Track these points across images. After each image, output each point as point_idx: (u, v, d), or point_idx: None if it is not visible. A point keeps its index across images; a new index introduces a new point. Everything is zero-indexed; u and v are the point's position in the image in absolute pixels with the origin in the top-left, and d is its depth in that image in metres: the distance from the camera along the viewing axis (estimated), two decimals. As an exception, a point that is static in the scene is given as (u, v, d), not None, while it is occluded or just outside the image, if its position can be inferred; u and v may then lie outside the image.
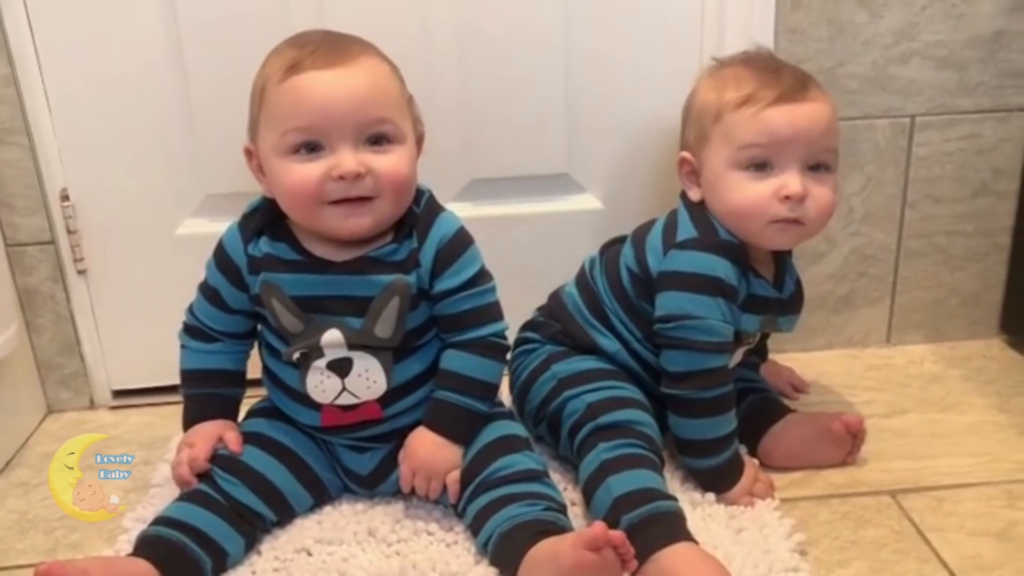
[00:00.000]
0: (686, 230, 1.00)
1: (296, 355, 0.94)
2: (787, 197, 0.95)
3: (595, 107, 1.19)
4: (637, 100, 1.19)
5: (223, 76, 1.12)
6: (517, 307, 1.11)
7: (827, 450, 1.04)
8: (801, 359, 1.31)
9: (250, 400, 1.05)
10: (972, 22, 1.20)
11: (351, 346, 0.93)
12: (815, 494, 1.01)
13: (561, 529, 0.87)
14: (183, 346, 1.01)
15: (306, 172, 0.88)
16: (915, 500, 1.00)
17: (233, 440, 0.96)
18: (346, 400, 0.95)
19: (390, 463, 0.98)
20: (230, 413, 1.01)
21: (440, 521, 0.96)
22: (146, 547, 0.86)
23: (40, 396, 1.25)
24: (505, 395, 1.10)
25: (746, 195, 0.97)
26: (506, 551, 0.86)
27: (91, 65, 1.12)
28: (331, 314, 0.93)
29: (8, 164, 1.15)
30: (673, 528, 0.87)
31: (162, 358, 1.22)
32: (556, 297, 1.12)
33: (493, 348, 0.96)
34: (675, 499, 0.91)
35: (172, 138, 1.16)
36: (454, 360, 0.96)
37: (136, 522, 0.96)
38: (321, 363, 0.93)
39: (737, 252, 0.98)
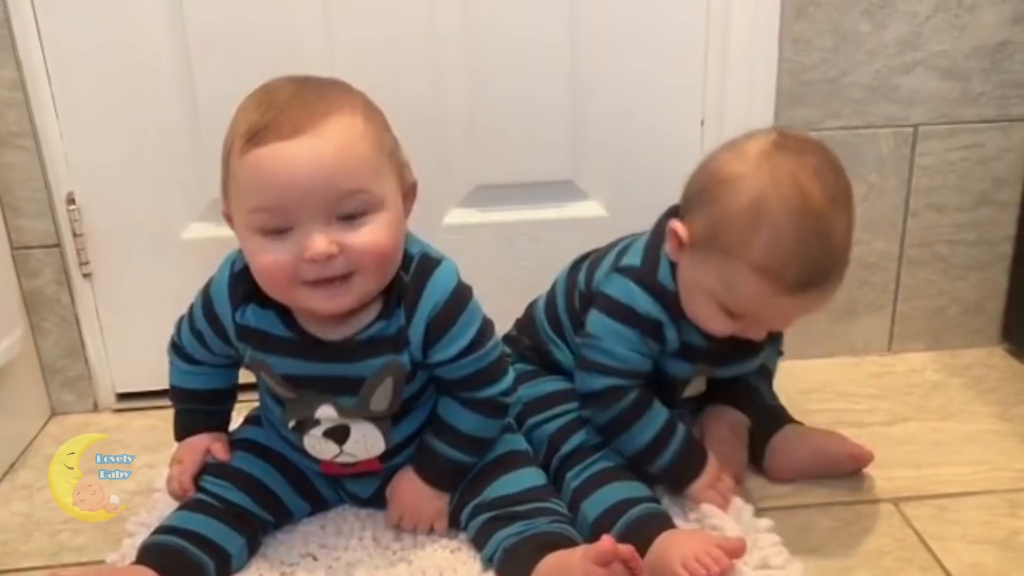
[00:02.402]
0: (634, 258, 0.98)
1: (292, 423, 0.92)
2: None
3: (600, 115, 1.20)
4: (642, 108, 1.20)
5: (229, 80, 1.11)
6: (519, 314, 1.12)
7: (831, 470, 1.04)
8: (803, 366, 1.31)
9: (249, 404, 1.04)
10: (975, 33, 1.20)
11: (347, 416, 0.91)
12: (817, 502, 1.01)
13: (568, 540, 0.87)
14: (170, 361, 0.99)
15: (278, 256, 0.80)
16: (917, 508, 1.00)
17: (220, 451, 0.96)
18: (344, 459, 0.93)
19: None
20: (219, 425, 1.00)
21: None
22: (147, 555, 0.87)
23: (44, 399, 1.25)
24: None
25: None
26: (513, 565, 0.86)
27: (98, 69, 1.13)
28: (323, 391, 0.89)
29: (15, 167, 1.15)
30: (654, 528, 0.88)
31: (166, 361, 1.22)
32: (529, 309, 1.13)
33: (494, 407, 0.93)
34: (649, 500, 0.92)
35: (178, 142, 1.16)
36: (452, 413, 0.92)
37: (140, 527, 0.96)
38: (317, 431, 0.91)
39: (668, 299, 0.95)
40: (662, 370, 0.99)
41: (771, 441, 1.05)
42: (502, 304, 1.13)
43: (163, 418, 1.22)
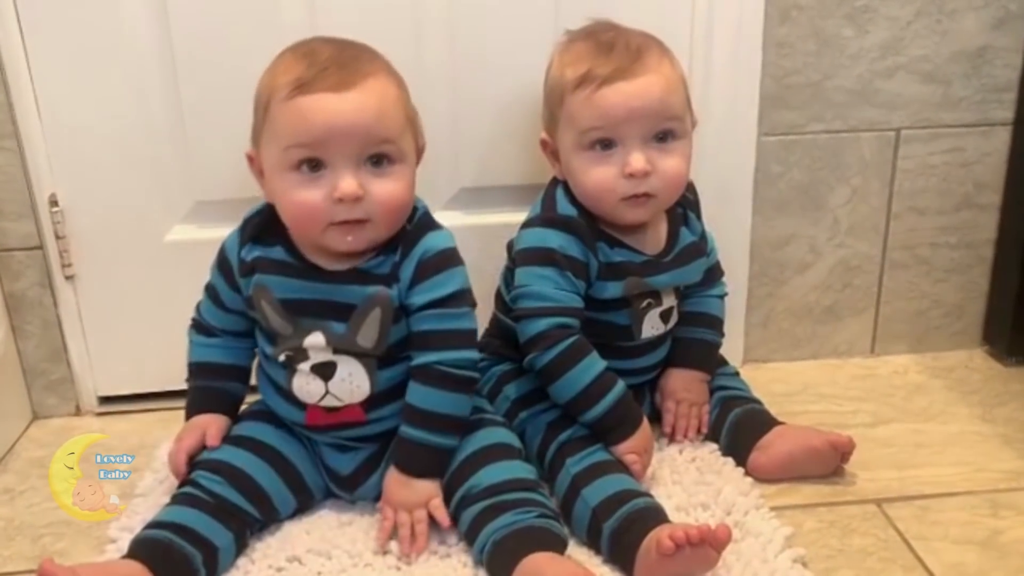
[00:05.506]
0: (534, 209, 1.06)
1: (282, 356, 0.95)
2: (631, 175, 0.98)
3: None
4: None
5: (214, 82, 1.12)
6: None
7: (814, 465, 1.05)
8: (786, 369, 1.32)
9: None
10: (956, 38, 1.21)
11: (335, 351, 0.94)
12: (802, 503, 1.02)
13: (556, 536, 0.88)
14: (190, 340, 1.03)
15: (310, 196, 0.89)
16: (900, 509, 1.01)
17: (213, 434, 0.97)
18: (330, 403, 0.96)
19: (371, 465, 0.99)
20: (227, 407, 1.02)
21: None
22: (135, 549, 0.88)
23: (26, 402, 1.24)
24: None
25: (594, 177, 1.00)
26: (499, 560, 0.87)
27: (81, 70, 1.12)
28: (316, 318, 0.94)
29: (-3, 169, 1.14)
30: (655, 520, 0.89)
31: (149, 364, 1.22)
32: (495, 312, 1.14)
33: (453, 379, 0.93)
34: (649, 495, 0.94)
35: (162, 144, 1.16)
36: (417, 394, 0.94)
37: (122, 531, 0.96)
38: (305, 366, 0.94)
39: (575, 226, 1.01)
40: (599, 298, 1.03)
41: (757, 443, 1.06)
42: (485, 306, 1.13)
43: (146, 422, 1.22)
